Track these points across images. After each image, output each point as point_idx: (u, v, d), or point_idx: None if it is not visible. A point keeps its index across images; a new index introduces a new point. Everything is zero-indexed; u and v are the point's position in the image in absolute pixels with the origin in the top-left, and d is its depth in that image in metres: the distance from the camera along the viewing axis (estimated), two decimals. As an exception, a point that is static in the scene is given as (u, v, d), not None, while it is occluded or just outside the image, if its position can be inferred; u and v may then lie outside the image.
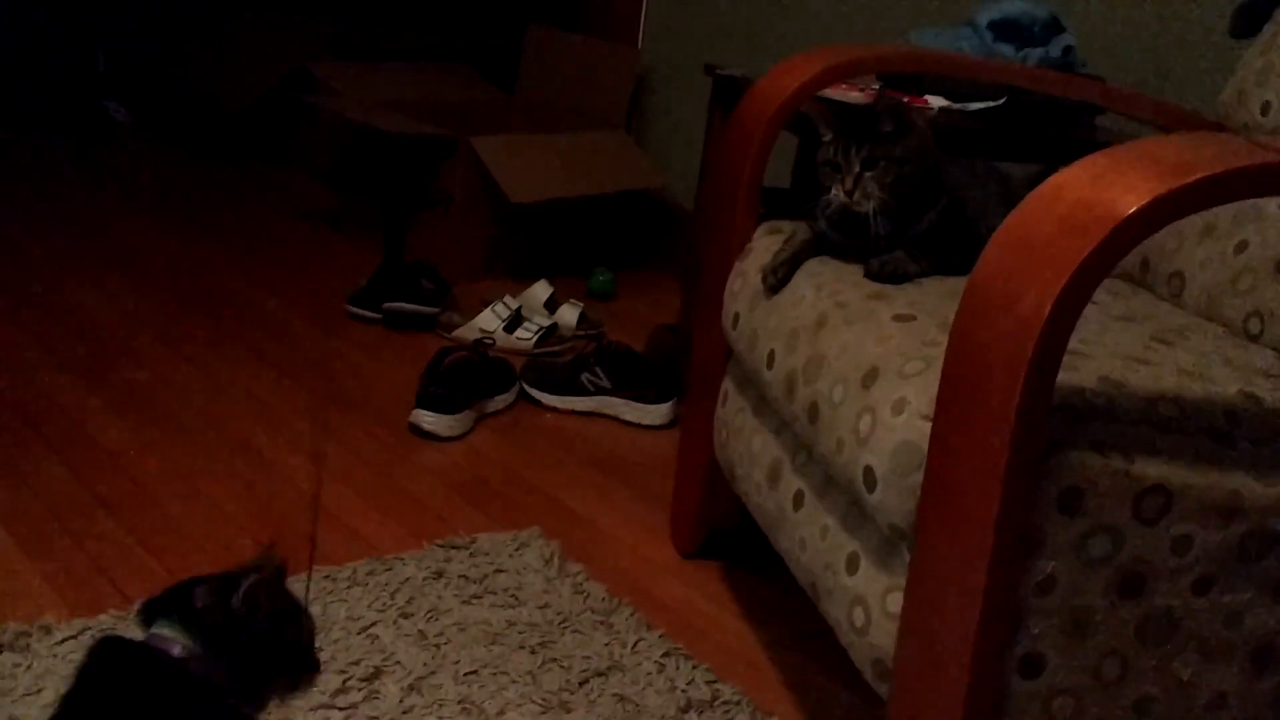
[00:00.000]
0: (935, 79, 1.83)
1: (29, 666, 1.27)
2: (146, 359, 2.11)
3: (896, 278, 1.28)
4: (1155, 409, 0.97)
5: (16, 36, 3.80)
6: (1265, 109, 1.45)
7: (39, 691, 1.24)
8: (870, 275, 1.29)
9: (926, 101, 1.82)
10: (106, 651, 0.96)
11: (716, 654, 1.44)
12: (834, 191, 1.33)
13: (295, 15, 3.44)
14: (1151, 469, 0.93)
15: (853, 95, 1.79)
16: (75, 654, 1.29)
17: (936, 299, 1.22)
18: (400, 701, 1.28)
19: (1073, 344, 1.05)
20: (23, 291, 2.36)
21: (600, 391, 2.08)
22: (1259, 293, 1.27)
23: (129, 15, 3.80)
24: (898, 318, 1.16)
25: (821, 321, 1.23)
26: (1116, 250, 0.85)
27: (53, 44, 3.85)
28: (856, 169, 1.31)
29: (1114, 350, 1.08)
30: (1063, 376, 0.92)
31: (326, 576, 1.49)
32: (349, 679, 1.31)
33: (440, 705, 1.29)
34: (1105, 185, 0.86)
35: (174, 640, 0.93)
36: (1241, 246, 1.31)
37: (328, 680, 1.30)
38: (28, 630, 1.32)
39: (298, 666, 0.99)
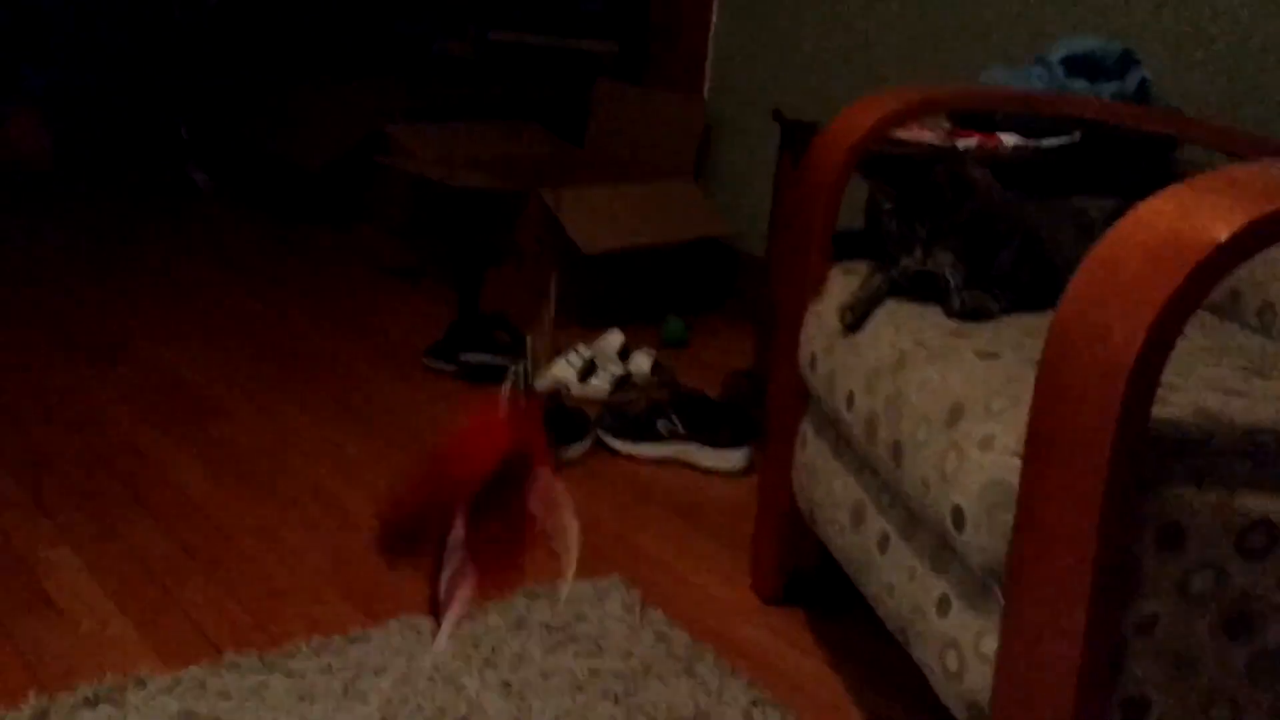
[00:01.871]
0: (1008, 116, 1.82)
1: (124, 718, 1.29)
2: (232, 414, 2.16)
3: (978, 316, 1.27)
4: (1255, 441, 0.95)
5: (106, 109, 3.96)
6: (1353, 134, 1.41)
7: (135, 742, 1.26)
8: (951, 315, 1.28)
9: (999, 139, 1.81)
10: None
11: (802, 700, 1.42)
12: (904, 260, 1.33)
13: (369, 80, 3.54)
14: (1254, 502, 0.91)
15: (925, 136, 1.78)
16: (169, 705, 1.32)
17: (1018, 335, 1.20)
18: (487, 751, 1.28)
19: (1165, 376, 1.03)
20: (109, 350, 2.43)
21: (676, 438, 2.08)
22: (1356, 321, 1.23)
23: (210, 86, 3.94)
24: (980, 354, 1.15)
25: (901, 361, 1.22)
26: (1208, 280, 0.83)
27: (139, 115, 4.00)
28: (924, 239, 1.30)
29: (1207, 382, 1.06)
30: (1157, 409, 0.90)
31: (411, 626, 1.50)
32: (435, 729, 1.31)
33: (526, 755, 1.28)
34: (1193, 214, 0.85)
35: None
36: (1335, 274, 1.28)
37: (415, 730, 1.30)
38: (122, 683, 1.35)
39: None
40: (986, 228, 1.31)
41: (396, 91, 3.40)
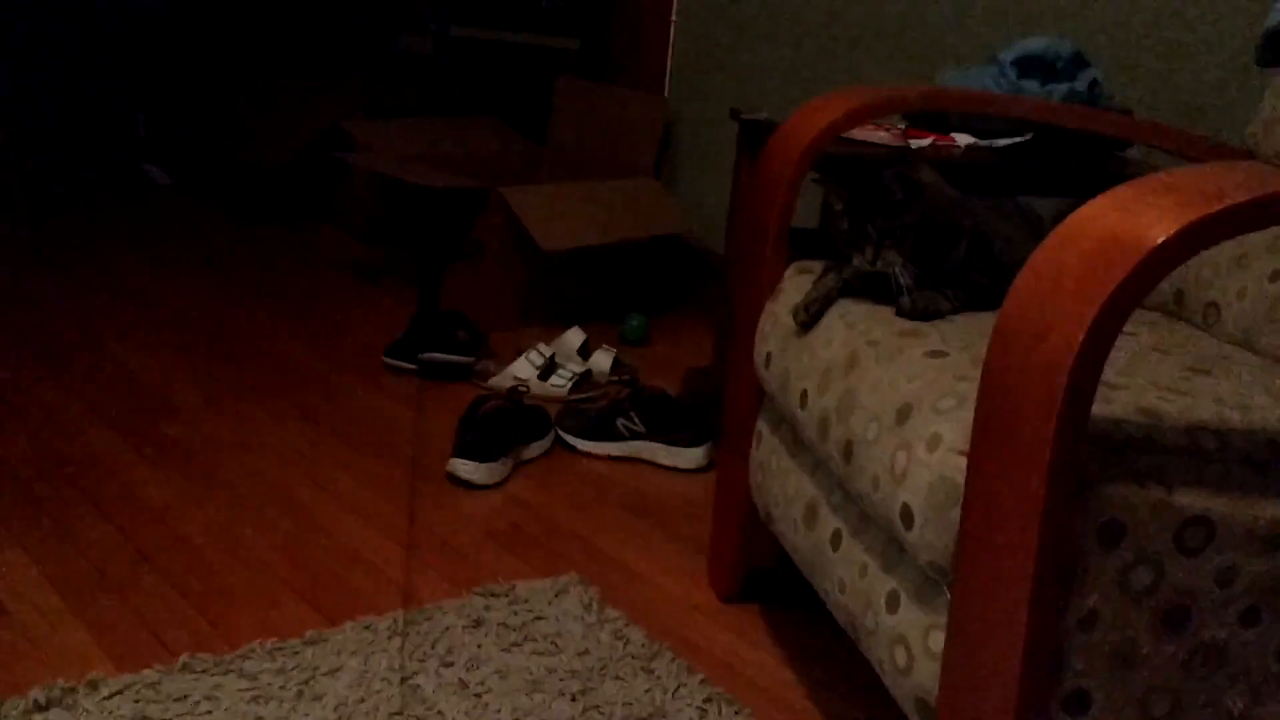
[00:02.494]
0: (961, 116, 1.84)
1: (76, 722, 1.28)
2: (188, 415, 2.14)
3: (928, 315, 1.28)
4: (1194, 439, 0.96)
5: (59, 105, 3.91)
6: (1295, 136, 1.44)
7: (86, 747, 1.25)
8: (902, 314, 1.29)
9: (953, 139, 1.83)
10: None
11: (758, 698, 1.43)
12: (856, 260, 1.33)
13: (328, 76, 3.52)
14: (1193, 499, 0.92)
15: (879, 135, 1.80)
16: (123, 709, 1.31)
17: (968, 334, 1.22)
18: (442, 751, 1.28)
19: (1108, 376, 1.05)
20: (64, 350, 2.41)
21: (635, 436, 2.09)
22: (1296, 320, 1.25)
23: (167, 82, 3.90)
24: (930, 354, 1.16)
25: (853, 360, 1.23)
26: (1146, 281, 0.85)
27: (94, 111, 3.96)
28: (875, 241, 1.31)
29: (1150, 381, 1.08)
30: (1099, 408, 0.92)
31: (367, 627, 1.50)
32: (391, 730, 1.31)
33: (482, 754, 1.29)
34: (1132, 216, 0.87)
35: None
36: (1275, 275, 1.30)
37: (370, 731, 1.30)
38: (74, 687, 1.33)
39: None
40: (936, 228, 1.32)
41: (356, 88, 3.38)
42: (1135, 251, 0.84)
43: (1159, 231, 0.84)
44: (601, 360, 2.40)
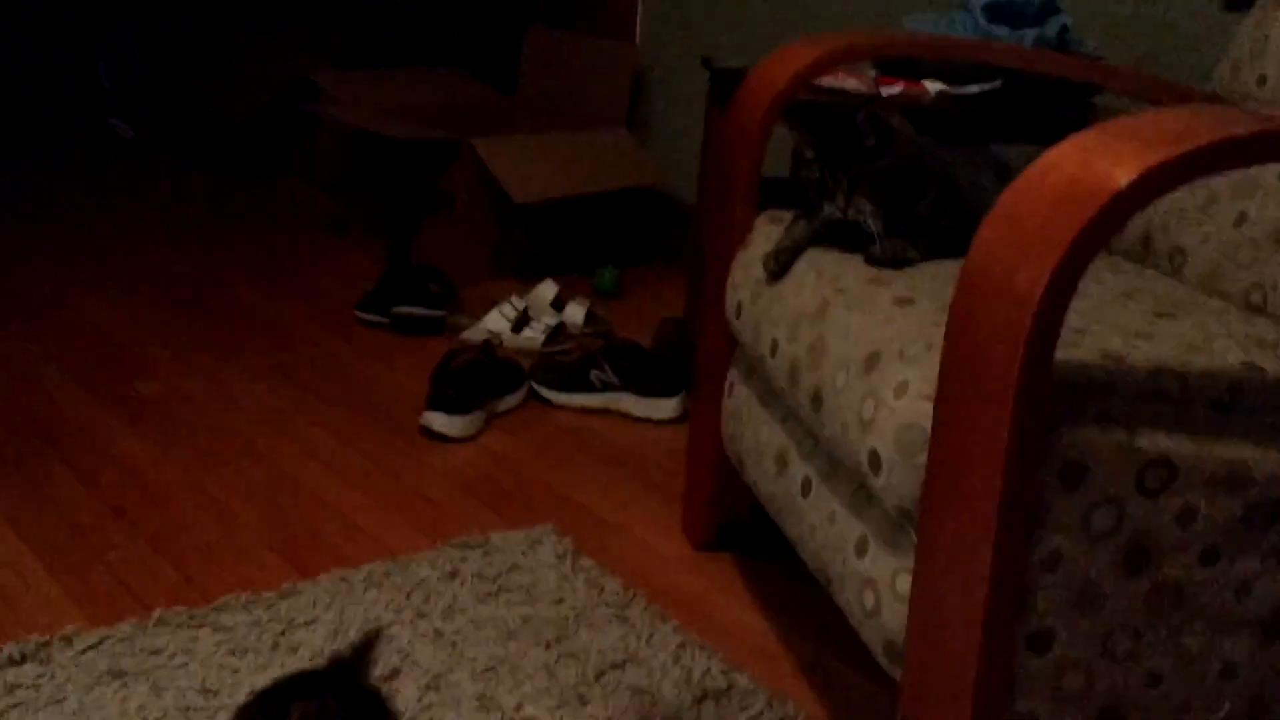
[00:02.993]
0: (931, 63, 1.83)
1: (51, 676, 1.29)
2: (157, 370, 2.13)
3: (897, 263, 1.29)
4: (1157, 382, 0.98)
5: (20, 57, 3.83)
6: (1261, 81, 1.45)
7: (61, 701, 1.25)
8: (871, 262, 1.29)
9: (923, 86, 1.82)
10: None
11: (732, 644, 1.45)
12: (826, 208, 1.33)
13: (295, 27, 3.46)
14: (1154, 442, 0.94)
15: (849, 82, 1.79)
16: (97, 663, 1.31)
17: (936, 282, 1.22)
18: (419, 699, 1.29)
19: (1073, 320, 1.06)
20: (32, 307, 2.38)
21: (609, 388, 2.09)
22: (1260, 265, 1.27)
23: (130, 32, 3.83)
24: (898, 301, 1.17)
25: (822, 308, 1.24)
26: (1110, 225, 0.85)
27: (56, 63, 3.88)
28: (845, 187, 1.31)
29: (1115, 326, 1.08)
30: (1063, 353, 0.93)
31: (342, 579, 1.51)
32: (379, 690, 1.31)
33: (458, 702, 1.30)
34: (1096, 160, 0.87)
35: None
36: (1241, 219, 1.31)
37: (346, 681, 1.31)
38: (48, 641, 1.34)
39: None
40: (905, 176, 1.32)
41: (324, 38, 3.33)
42: (1098, 196, 0.85)
43: (1122, 175, 0.84)
44: (575, 312, 2.40)
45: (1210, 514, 0.95)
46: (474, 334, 2.30)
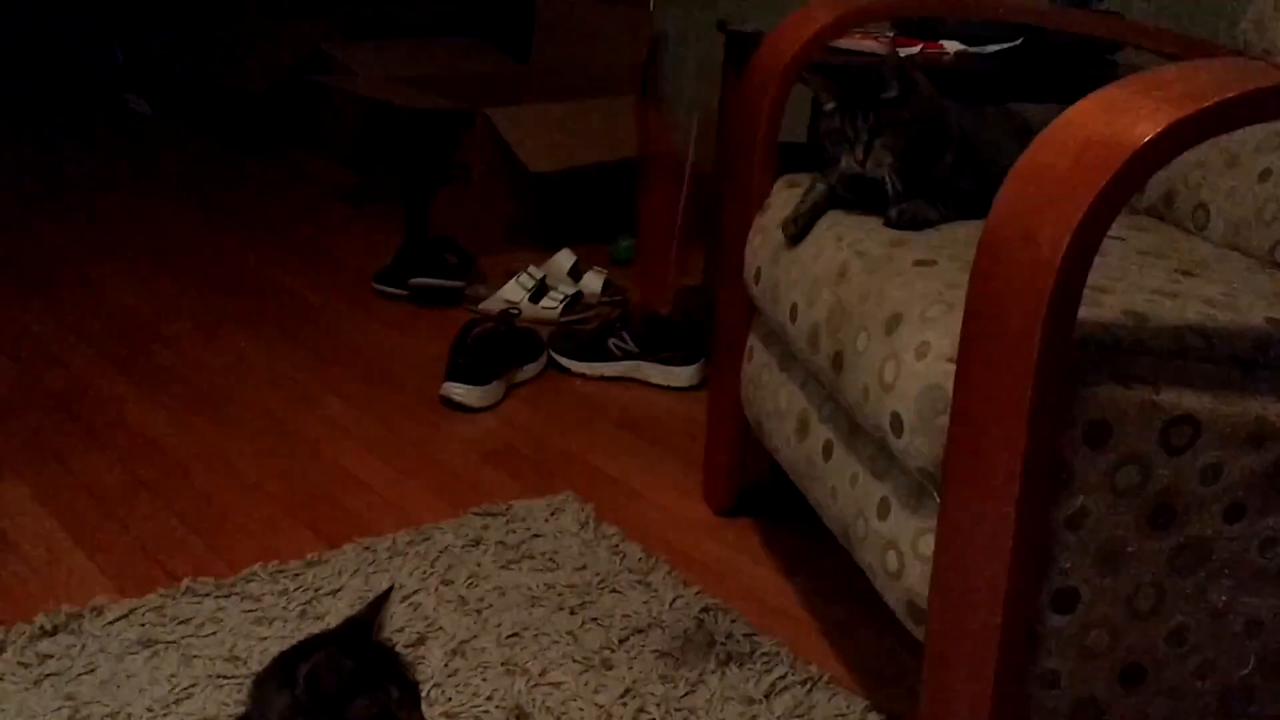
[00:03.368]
0: (950, 23, 1.81)
1: (83, 646, 1.30)
2: (179, 344, 2.14)
3: (917, 224, 1.28)
4: (1181, 340, 0.97)
5: (35, 34, 3.84)
6: (1286, 34, 1.42)
7: (93, 670, 1.27)
8: (890, 224, 1.29)
9: (942, 46, 1.81)
10: None
11: (754, 607, 1.46)
12: (844, 161, 1.32)
13: (307, -2, 3.45)
14: (1178, 399, 0.93)
15: (867, 44, 1.78)
16: (126, 633, 1.33)
17: (956, 243, 1.21)
18: (445, 665, 1.31)
19: (1096, 279, 1.05)
20: (51, 281, 2.39)
21: (627, 356, 2.09)
22: (1285, 220, 1.25)
23: (144, 8, 3.82)
24: (918, 263, 1.16)
25: (843, 271, 1.23)
26: (1132, 181, 0.84)
27: (70, 40, 3.88)
28: (865, 138, 1.29)
29: (1138, 284, 1.08)
30: (1086, 311, 0.92)
31: (367, 548, 1.52)
32: (394, 646, 1.33)
33: (484, 668, 1.31)
34: (1119, 116, 0.86)
35: None
36: (1265, 175, 1.30)
37: (372, 648, 1.32)
38: (79, 612, 1.35)
39: None
40: (926, 132, 1.31)
41: (335, 8, 3.31)
42: (1121, 152, 0.84)
43: (1145, 130, 0.83)
44: (592, 282, 2.40)
45: (1235, 470, 0.95)
46: (492, 304, 2.30)
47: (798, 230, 1.34)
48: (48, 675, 1.26)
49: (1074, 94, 1.00)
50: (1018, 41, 1.79)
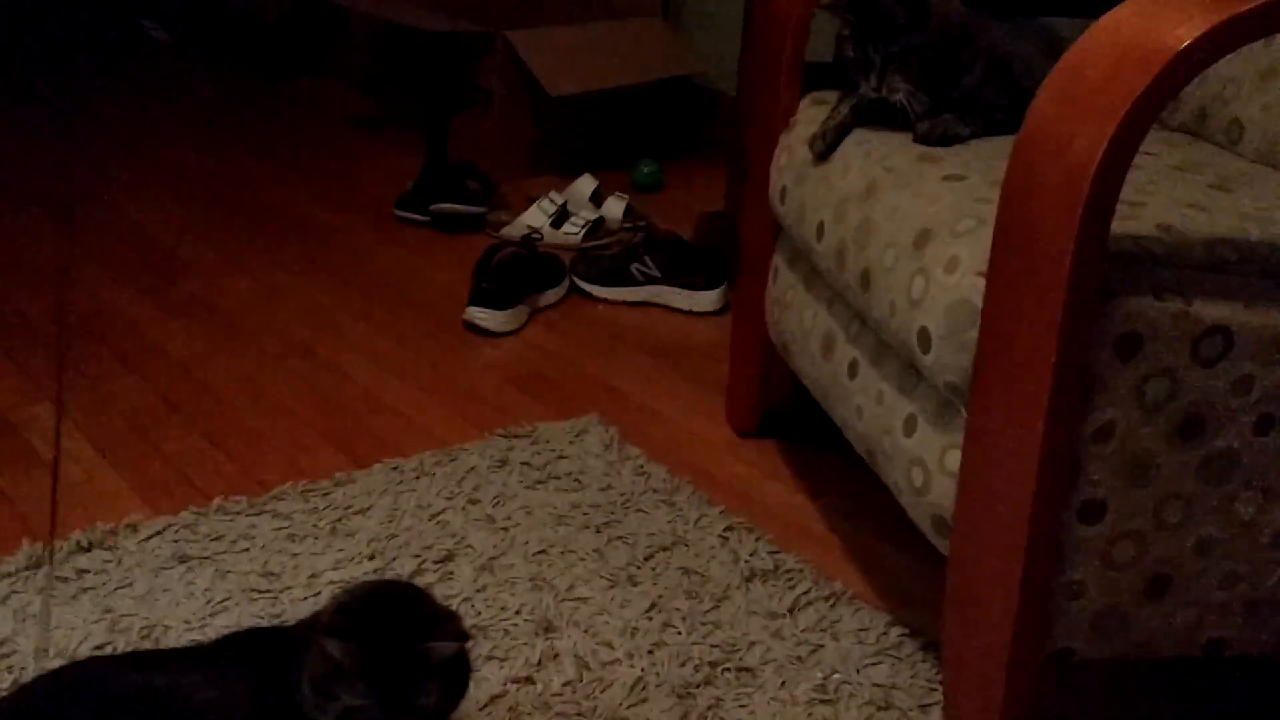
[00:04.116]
0: (980, -63, 1.77)
1: (119, 562, 1.33)
2: (203, 270, 2.15)
3: (947, 140, 1.27)
4: (1214, 252, 0.96)
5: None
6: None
7: (129, 585, 1.29)
8: (920, 140, 1.27)
9: (971, -38, 1.76)
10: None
11: (778, 526, 1.47)
12: (862, 87, 1.31)
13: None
14: (1210, 310, 0.93)
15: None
16: (161, 549, 1.35)
17: (986, 158, 1.20)
18: (474, 580, 1.33)
19: (1129, 194, 1.04)
20: (77, 210, 2.40)
21: (650, 281, 2.09)
22: (1321, 134, 1.23)
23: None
24: (948, 178, 1.15)
25: (871, 188, 1.22)
26: (1170, 87, 0.83)
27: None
28: (879, 65, 1.29)
29: (1171, 198, 1.06)
30: (1119, 224, 0.91)
31: (394, 468, 1.53)
32: (423, 562, 1.35)
33: (512, 583, 1.33)
34: (1157, 21, 0.84)
35: None
36: (1302, 88, 1.27)
37: (404, 564, 1.35)
38: (114, 529, 1.38)
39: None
40: (943, 52, 1.29)
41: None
42: (1159, 57, 0.83)
43: (1184, 34, 0.82)
44: (614, 207, 2.38)
45: (1266, 382, 0.94)
46: (513, 230, 2.29)
47: (826, 146, 1.33)
48: (86, 589, 1.28)
49: (1105, 7, 0.98)
50: (1049, -44, 1.75)
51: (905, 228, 1.12)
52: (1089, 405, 0.93)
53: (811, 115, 1.42)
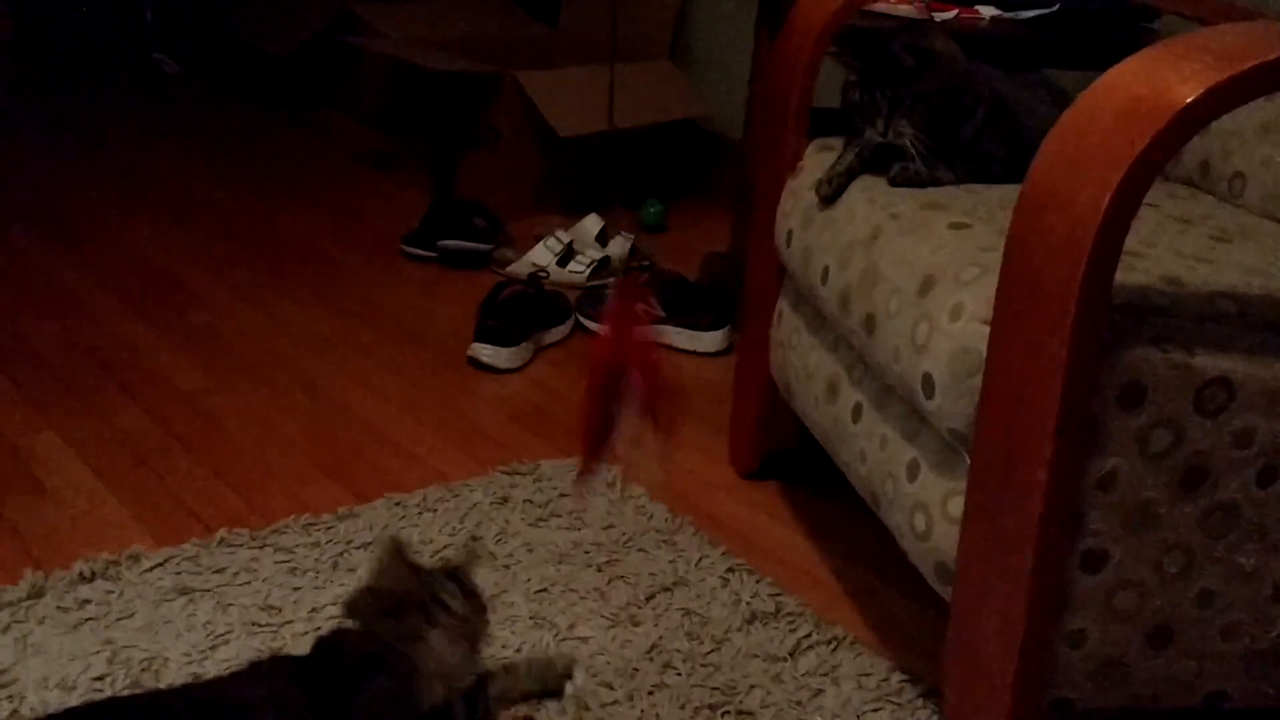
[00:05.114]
0: (985, -11, 1.80)
1: (120, 593, 1.33)
2: (210, 302, 2.16)
3: (920, 183, 1.29)
4: (1215, 305, 0.97)
5: (65, -6, 3.85)
6: (1328, 2, 1.41)
7: (130, 615, 1.29)
8: (892, 182, 1.30)
9: (978, 12, 1.79)
10: None
11: (779, 568, 1.47)
12: (868, 133, 1.33)
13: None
14: (1213, 362, 0.93)
15: (902, 8, 1.77)
16: (163, 580, 1.35)
17: (991, 206, 1.21)
18: (474, 618, 1.33)
19: (1132, 245, 1.05)
20: (83, 239, 2.42)
21: (655, 320, 2.10)
22: (1322, 189, 1.25)
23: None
24: (953, 225, 1.16)
25: (875, 234, 1.23)
26: (1173, 142, 0.84)
27: (101, 1, 3.89)
28: (885, 110, 1.31)
29: (1174, 250, 1.08)
30: (1122, 275, 0.92)
31: (397, 503, 1.54)
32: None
33: (513, 621, 1.33)
34: (1160, 77, 0.86)
35: None
36: (1304, 143, 1.29)
37: (403, 600, 1.34)
38: (117, 559, 1.38)
39: None
40: (949, 99, 1.31)
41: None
42: (1163, 113, 0.84)
43: (1186, 91, 0.83)
44: (620, 246, 2.40)
45: (1267, 435, 0.95)
46: (519, 268, 2.31)
47: (831, 191, 1.34)
48: (87, 620, 1.28)
49: (1109, 61, 1.00)
50: (1054, 7, 1.77)
51: (910, 274, 1.13)
52: (1091, 454, 0.93)
53: (818, 161, 1.43)
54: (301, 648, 1.16)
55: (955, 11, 1.78)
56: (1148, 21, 1.81)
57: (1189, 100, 0.83)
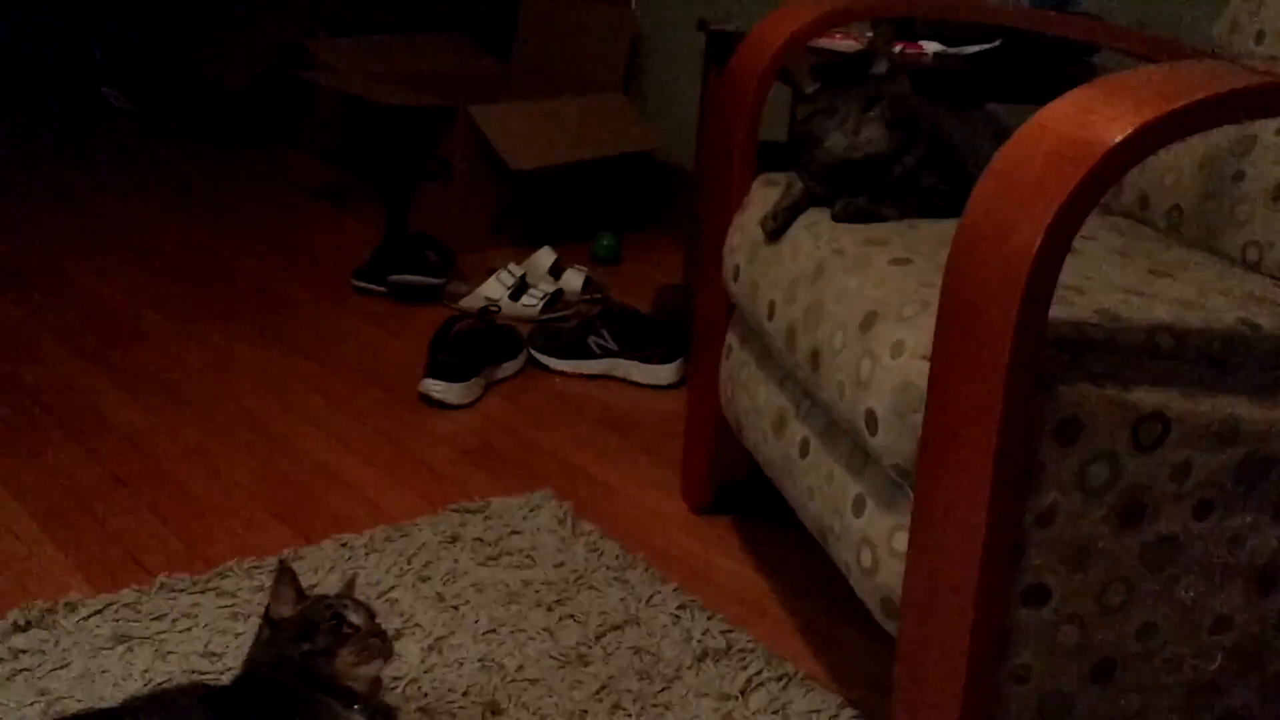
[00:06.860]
0: (928, 24, 1.82)
1: (56, 642, 1.30)
2: (155, 339, 2.13)
3: (863, 218, 1.29)
4: (1152, 339, 0.98)
5: (12, 28, 3.81)
6: (1259, 38, 1.44)
7: (66, 666, 1.26)
8: (835, 217, 1.30)
9: (921, 47, 1.82)
10: None
11: (731, 604, 1.46)
12: (832, 139, 1.31)
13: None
14: (1149, 397, 0.94)
15: (846, 44, 1.78)
16: (100, 628, 1.32)
17: (932, 243, 1.22)
18: (421, 661, 1.31)
19: (1070, 279, 1.06)
20: (27, 276, 2.38)
21: (607, 354, 2.09)
22: (1256, 222, 1.27)
23: (122, 2, 3.80)
24: (894, 261, 1.17)
25: (820, 270, 1.24)
26: (1104, 181, 0.85)
27: (48, 34, 3.85)
28: (857, 110, 1.29)
29: (1111, 283, 1.09)
30: (1059, 310, 0.93)
31: (344, 544, 1.51)
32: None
33: (460, 664, 1.31)
34: (1091, 116, 0.87)
35: None
36: (1239, 176, 1.31)
37: (349, 644, 1.32)
38: (52, 607, 1.35)
39: None
40: (909, 119, 1.31)
41: (316, 3, 3.30)
42: (1092, 152, 0.85)
43: (1116, 131, 0.84)
44: (572, 279, 2.40)
45: (1204, 468, 0.96)
46: (471, 301, 2.30)
47: (776, 226, 1.35)
48: (21, 670, 1.25)
49: (1051, 95, 1.01)
50: (996, 43, 1.80)
51: (853, 310, 1.13)
52: (1031, 490, 0.93)
53: (763, 195, 1.44)
54: (241, 696, 1.14)
55: (899, 47, 1.80)
56: (1088, 56, 1.84)
57: (1118, 140, 0.84)
